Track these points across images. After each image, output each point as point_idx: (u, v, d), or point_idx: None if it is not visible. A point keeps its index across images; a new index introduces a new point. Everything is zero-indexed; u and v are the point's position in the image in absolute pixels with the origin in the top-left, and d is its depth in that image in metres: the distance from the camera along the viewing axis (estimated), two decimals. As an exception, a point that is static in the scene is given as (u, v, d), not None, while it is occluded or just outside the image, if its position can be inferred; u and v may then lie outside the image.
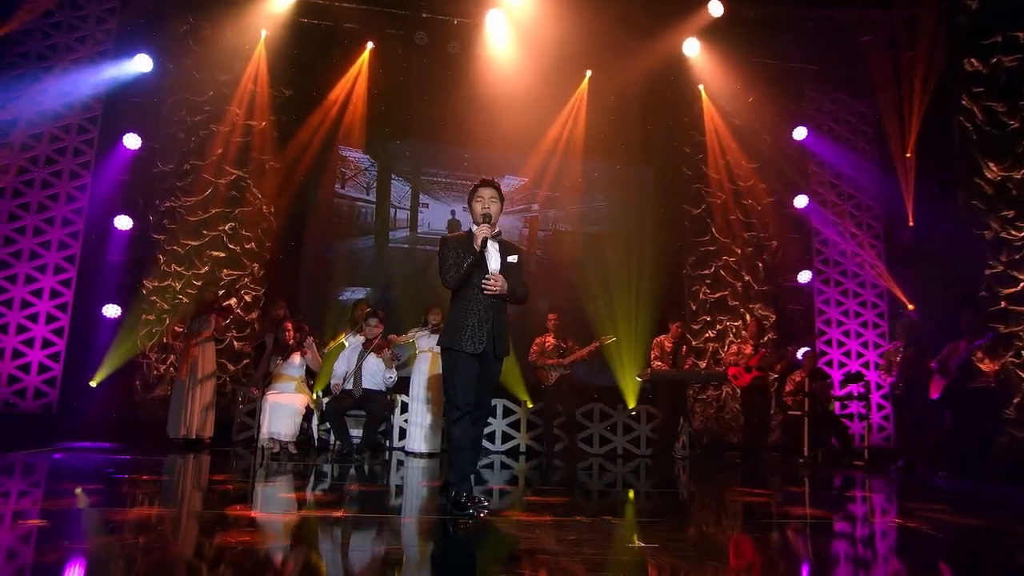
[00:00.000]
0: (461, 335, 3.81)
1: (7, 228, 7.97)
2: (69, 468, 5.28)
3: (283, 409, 6.51)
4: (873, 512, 4.77)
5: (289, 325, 6.91)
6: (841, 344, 9.68)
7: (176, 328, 7.26)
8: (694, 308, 9.43)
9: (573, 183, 9.57)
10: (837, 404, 8.72)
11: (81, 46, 8.28)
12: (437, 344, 4.01)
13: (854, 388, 8.63)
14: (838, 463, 7.85)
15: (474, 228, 3.90)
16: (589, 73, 9.30)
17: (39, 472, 5.04)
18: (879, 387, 9.40)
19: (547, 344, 7.62)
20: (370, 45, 8.97)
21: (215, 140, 8.50)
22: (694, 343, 9.21)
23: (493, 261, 3.92)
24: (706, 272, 9.46)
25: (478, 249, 3.84)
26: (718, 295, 9.46)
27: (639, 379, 8.09)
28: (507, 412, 8.20)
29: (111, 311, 7.98)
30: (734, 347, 8.33)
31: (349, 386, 6.64)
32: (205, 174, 8.39)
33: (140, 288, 8.12)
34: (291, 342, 6.80)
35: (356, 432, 6.75)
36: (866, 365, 9.61)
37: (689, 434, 8.16)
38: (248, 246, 8.49)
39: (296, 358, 6.86)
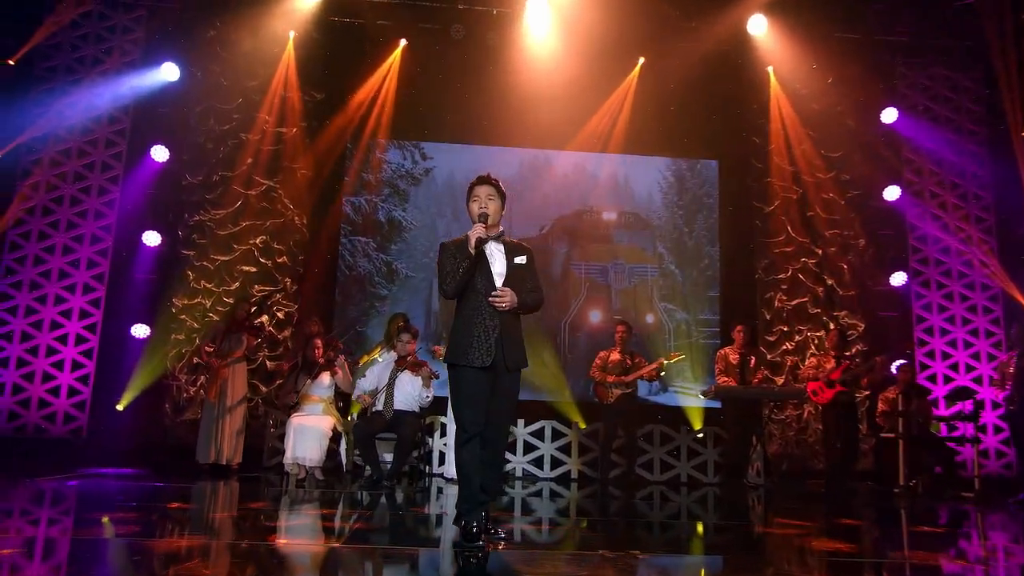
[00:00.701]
0: (466, 348, 3.73)
1: (37, 247, 8.32)
2: (82, 496, 5.37)
3: (309, 432, 6.49)
4: (991, 555, 4.25)
5: (319, 342, 6.92)
6: (947, 356, 9.03)
7: (206, 348, 7.37)
8: (768, 317, 8.99)
9: (624, 179, 9.32)
10: (943, 426, 8.10)
11: (108, 57, 8.62)
12: (443, 360, 3.89)
13: (962, 406, 8.00)
14: (942, 494, 7.25)
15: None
16: (641, 61, 9.05)
17: (48, 500, 5.14)
18: (996, 405, 8.70)
19: (611, 359, 7.47)
20: (403, 42, 8.97)
21: (244, 149, 8.67)
22: (769, 356, 8.78)
23: (497, 263, 3.85)
24: (782, 276, 9.02)
25: (472, 251, 3.75)
26: (796, 302, 9.00)
27: (702, 397, 7.73)
28: (556, 435, 8.01)
29: (140, 331, 8.18)
30: (813, 360, 7.89)
31: (380, 406, 6.59)
32: (235, 185, 8.56)
33: (169, 306, 8.29)
34: (320, 360, 6.77)
35: (389, 456, 6.67)
36: (978, 380, 8.93)
37: (764, 460, 7.73)
38: (280, 260, 8.59)
39: (325, 378, 6.85)
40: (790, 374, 8.78)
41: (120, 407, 7.89)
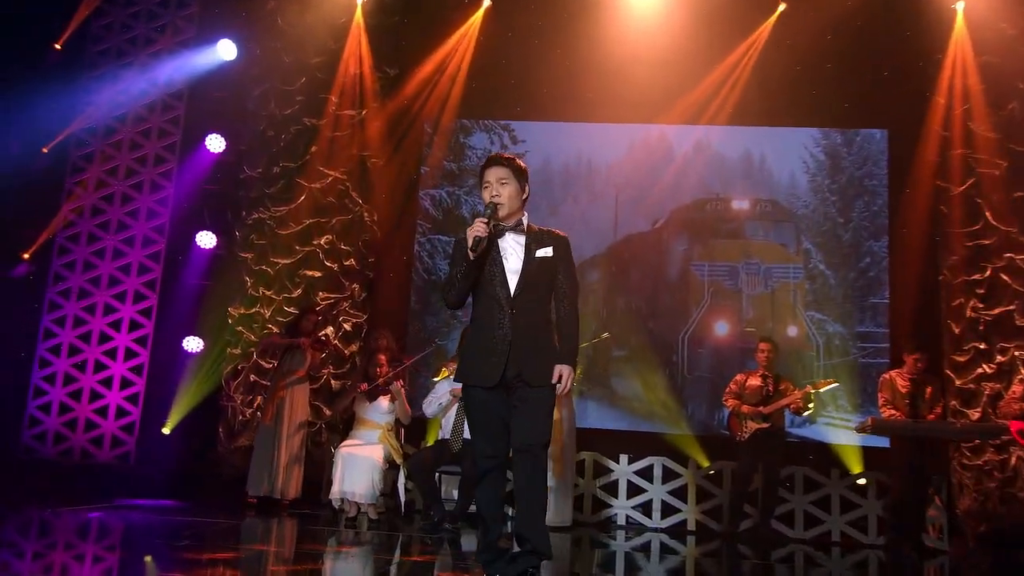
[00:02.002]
0: (474, 364, 3.68)
1: (86, 252, 8.58)
2: (103, 530, 5.35)
3: (359, 463, 6.31)
4: None
5: (383, 359, 6.75)
6: None
7: (264, 364, 7.34)
8: (957, 331, 7.93)
9: (759, 159, 8.61)
10: None
11: (161, 36, 8.83)
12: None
13: None
14: None
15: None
16: (782, 7, 8.30)
17: (61, 533, 5.13)
18: None
19: (748, 385, 7.03)
20: (486, 2, 8.69)
21: (308, 136, 8.62)
22: (959, 382, 7.76)
23: (512, 259, 3.72)
24: (977, 278, 7.91)
25: (471, 253, 3.59)
26: (998, 311, 7.87)
27: (858, 433, 6.94)
28: (669, 475, 7.57)
29: (192, 344, 8.23)
30: (1018, 388, 6.90)
31: (446, 434, 6.38)
32: (298, 178, 8.51)
33: (224, 316, 8.31)
34: (380, 380, 6.58)
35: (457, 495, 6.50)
36: None
37: (948, 518, 6.84)
38: (348, 263, 8.48)
39: (384, 402, 6.68)
40: (989, 406, 7.73)
41: (166, 430, 7.98)
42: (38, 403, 8.33)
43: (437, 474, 6.41)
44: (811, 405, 7.02)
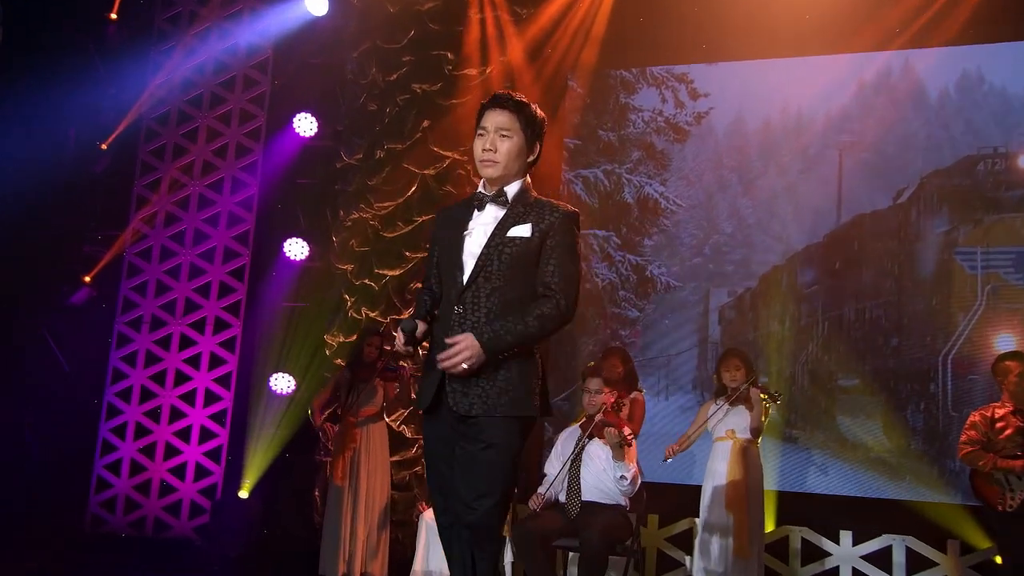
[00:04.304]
0: (421, 378, 3.68)
1: (159, 270, 8.73)
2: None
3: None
4: None
5: None
6: None
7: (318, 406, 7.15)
8: None
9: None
10: None
11: None
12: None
13: None
14: None
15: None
16: None
17: None
18: None
19: (999, 422, 5.95)
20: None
21: (419, 108, 8.39)
22: None
23: (476, 239, 3.45)
24: None
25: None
26: None
27: None
28: (917, 562, 6.90)
29: (282, 383, 8.19)
30: None
31: (561, 496, 6.11)
32: (407, 163, 8.31)
33: (320, 346, 8.21)
34: None
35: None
36: None
37: None
38: (466, 271, 8.01)
39: None
40: None
41: (243, 493, 7.94)
42: (107, 460, 8.47)
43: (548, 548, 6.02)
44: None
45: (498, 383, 3.34)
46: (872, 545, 7.07)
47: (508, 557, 6.45)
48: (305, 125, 8.39)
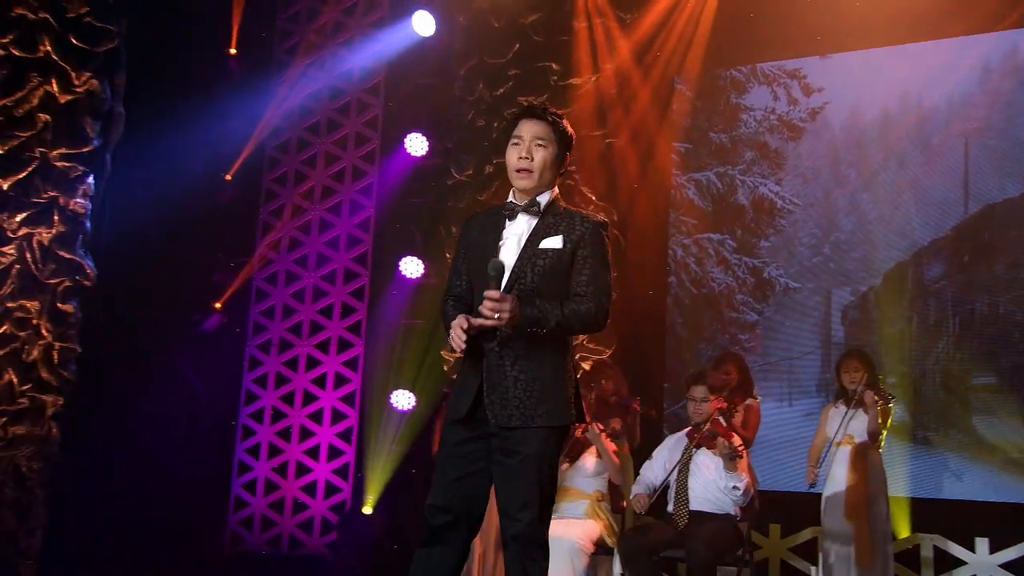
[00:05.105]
0: (455, 390, 3.78)
1: (285, 294, 9.32)
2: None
3: (556, 547, 5.86)
4: None
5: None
6: None
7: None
8: None
9: None
10: None
11: (350, 19, 9.47)
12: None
13: None
14: None
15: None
16: None
17: None
18: None
19: None
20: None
21: None
22: None
23: (509, 249, 3.69)
24: None
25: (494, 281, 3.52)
26: None
27: None
28: None
29: (402, 400, 8.60)
30: None
31: (669, 506, 6.20)
32: None
33: (438, 362, 8.65)
34: (578, 432, 6.48)
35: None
36: None
37: None
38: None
39: (589, 460, 6.55)
40: None
41: (367, 509, 8.36)
42: (243, 480, 9.12)
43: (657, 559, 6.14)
44: None
45: (535, 393, 3.54)
46: (1010, 553, 6.92)
47: (617, 569, 6.52)
48: (416, 145, 8.84)
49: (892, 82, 8.14)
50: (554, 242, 3.65)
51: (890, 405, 6.36)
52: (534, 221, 3.71)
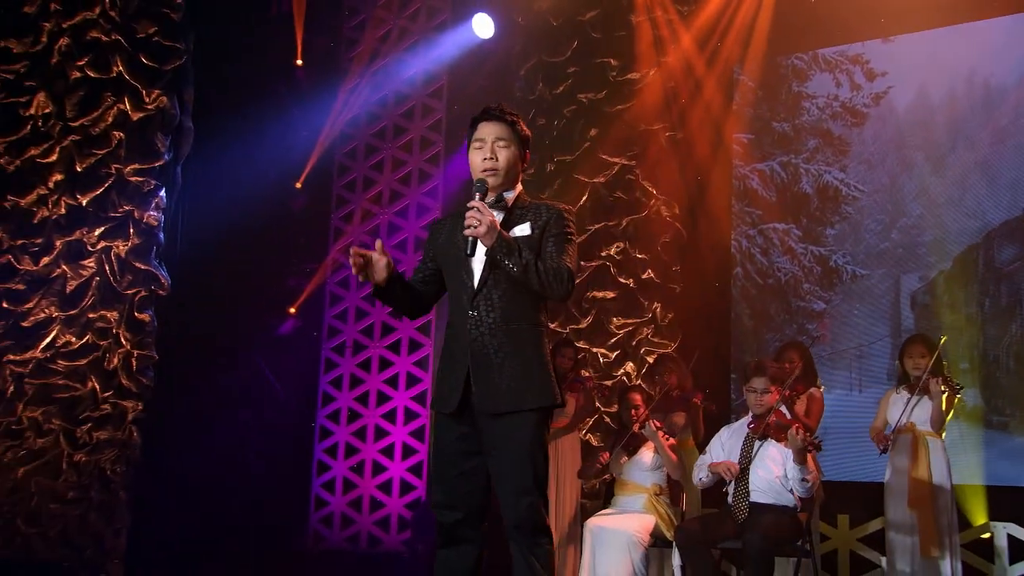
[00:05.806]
0: (439, 382, 3.86)
1: (357, 297, 9.53)
2: None
3: (612, 539, 6.15)
4: None
5: (638, 398, 6.66)
6: None
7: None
8: None
9: None
10: None
11: (413, 25, 9.64)
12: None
13: None
14: None
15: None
16: None
17: None
18: None
19: None
20: None
21: (586, 117, 8.83)
22: None
23: (482, 245, 3.73)
24: None
25: (468, 251, 3.70)
26: None
27: None
28: None
29: None
30: None
31: (728, 498, 6.09)
32: (576, 173, 8.72)
33: None
34: (635, 426, 6.46)
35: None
36: None
37: None
38: (646, 276, 8.48)
39: (647, 455, 6.51)
40: None
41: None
42: (323, 479, 9.33)
43: (714, 552, 6.14)
44: None
45: (521, 378, 3.65)
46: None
47: (676, 560, 6.48)
48: (480, 149, 8.99)
49: (957, 62, 7.98)
50: (523, 229, 3.78)
51: (957, 396, 6.18)
52: (502, 216, 3.82)
